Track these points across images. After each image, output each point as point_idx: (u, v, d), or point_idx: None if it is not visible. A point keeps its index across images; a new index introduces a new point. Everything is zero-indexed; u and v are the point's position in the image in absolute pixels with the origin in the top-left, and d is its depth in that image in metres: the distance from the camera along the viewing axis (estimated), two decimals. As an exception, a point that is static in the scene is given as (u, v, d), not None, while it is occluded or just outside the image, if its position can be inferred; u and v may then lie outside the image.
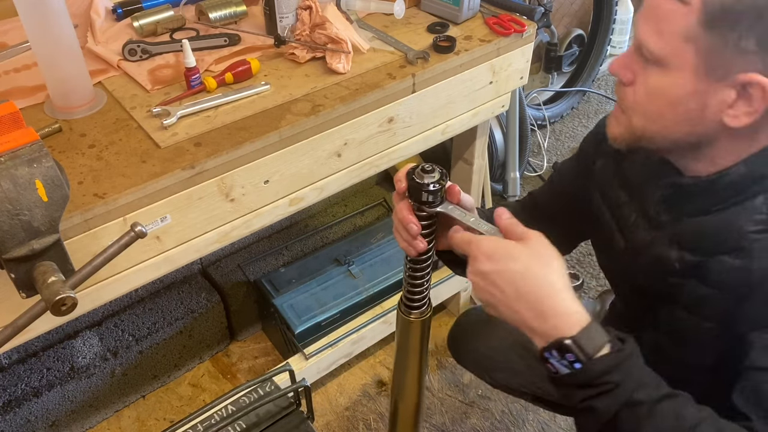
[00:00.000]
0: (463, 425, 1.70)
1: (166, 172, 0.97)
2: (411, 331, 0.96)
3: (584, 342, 0.67)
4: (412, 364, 1.01)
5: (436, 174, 0.80)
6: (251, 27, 1.31)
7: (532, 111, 2.61)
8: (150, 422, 1.69)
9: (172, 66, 1.18)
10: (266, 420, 1.21)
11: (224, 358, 1.84)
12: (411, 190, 0.81)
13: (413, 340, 0.97)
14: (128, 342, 1.63)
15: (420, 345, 0.98)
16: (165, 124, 1.03)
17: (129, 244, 0.83)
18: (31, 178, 0.77)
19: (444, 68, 1.25)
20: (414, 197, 0.81)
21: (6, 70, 1.17)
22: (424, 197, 0.80)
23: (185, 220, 1.03)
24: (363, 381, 1.79)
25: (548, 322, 0.68)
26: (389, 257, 1.82)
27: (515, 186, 2.16)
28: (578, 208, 1.04)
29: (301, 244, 1.91)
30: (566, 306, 0.68)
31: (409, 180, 0.81)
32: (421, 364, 1.01)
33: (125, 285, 1.02)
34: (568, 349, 0.67)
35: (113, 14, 1.30)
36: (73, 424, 1.62)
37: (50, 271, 0.81)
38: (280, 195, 1.14)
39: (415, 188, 0.80)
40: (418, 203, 0.81)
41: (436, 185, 0.79)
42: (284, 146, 1.08)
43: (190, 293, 1.74)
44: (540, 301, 0.69)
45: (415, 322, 0.95)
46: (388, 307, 1.73)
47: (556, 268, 0.70)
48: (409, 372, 1.02)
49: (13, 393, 1.50)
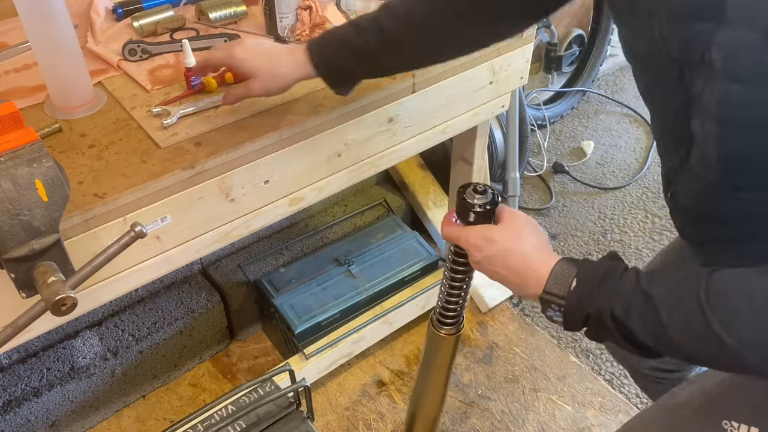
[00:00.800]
0: (463, 425, 1.71)
1: (166, 172, 0.97)
2: (441, 348, 0.95)
3: (552, 287, 0.72)
4: (436, 379, 1.00)
5: (489, 195, 0.80)
6: (251, 27, 1.31)
7: (532, 111, 2.61)
8: (150, 422, 1.69)
9: (172, 66, 1.18)
10: (266, 420, 1.21)
11: (224, 358, 1.84)
12: (459, 207, 0.81)
13: (442, 356, 0.96)
14: (128, 342, 1.63)
15: (448, 361, 0.97)
16: (165, 124, 1.03)
17: (129, 244, 0.83)
18: (31, 178, 0.77)
19: (444, 68, 1.25)
20: (461, 216, 0.81)
21: (6, 70, 1.17)
22: (471, 218, 0.80)
23: (185, 220, 1.03)
24: (363, 381, 1.79)
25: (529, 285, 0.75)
26: (389, 257, 1.82)
27: (515, 186, 2.16)
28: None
29: (301, 244, 1.91)
30: (537, 265, 0.74)
31: (459, 198, 0.80)
32: (446, 380, 1.00)
33: (125, 285, 1.02)
34: (547, 301, 0.73)
35: (113, 14, 1.30)
36: (73, 424, 1.62)
37: (50, 271, 0.81)
38: (280, 195, 1.14)
39: (463, 207, 0.80)
40: (465, 222, 0.81)
41: (485, 207, 0.79)
42: (284, 146, 1.08)
43: (190, 293, 1.74)
44: (521, 272, 0.75)
45: (446, 338, 0.94)
46: (388, 307, 1.73)
47: (528, 237, 0.76)
48: (432, 387, 1.01)
49: (13, 393, 1.50)
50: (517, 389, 1.79)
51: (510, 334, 1.94)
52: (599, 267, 0.71)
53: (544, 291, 0.73)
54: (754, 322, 0.60)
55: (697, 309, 0.62)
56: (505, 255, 0.75)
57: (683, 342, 0.64)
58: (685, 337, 0.64)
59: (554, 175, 2.53)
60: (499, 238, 0.76)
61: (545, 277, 0.73)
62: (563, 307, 0.72)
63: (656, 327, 0.65)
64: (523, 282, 0.75)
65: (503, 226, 0.78)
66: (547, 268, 0.73)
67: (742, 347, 0.60)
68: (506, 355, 1.88)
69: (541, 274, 0.73)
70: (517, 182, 2.16)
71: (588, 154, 2.61)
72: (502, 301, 2.01)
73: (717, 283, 0.63)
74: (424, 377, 1.01)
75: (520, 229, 0.77)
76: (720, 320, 0.61)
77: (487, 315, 1.99)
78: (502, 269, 0.76)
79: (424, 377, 1.01)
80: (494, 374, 1.83)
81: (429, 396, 1.02)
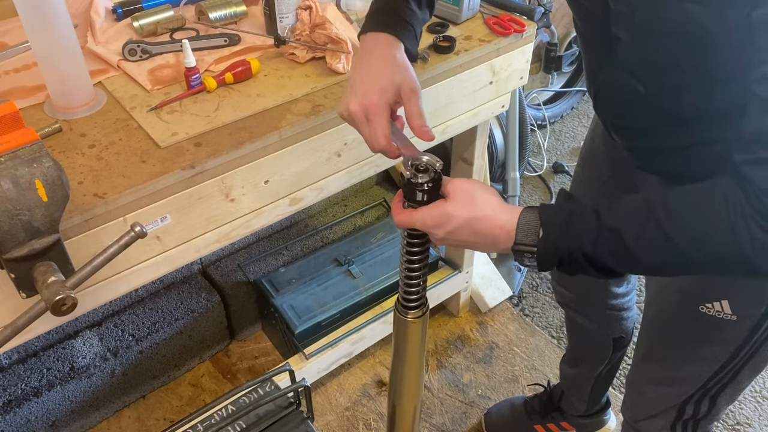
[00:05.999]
0: (463, 425, 1.71)
1: (166, 172, 0.97)
2: (408, 332, 0.96)
3: (523, 238, 0.77)
4: (410, 365, 1.00)
5: (432, 171, 0.80)
6: (251, 27, 1.31)
7: (532, 111, 2.61)
8: (150, 422, 1.69)
9: (172, 66, 1.18)
10: (266, 420, 1.21)
11: (224, 358, 1.84)
12: (406, 190, 0.81)
13: (411, 341, 0.97)
14: (128, 342, 1.63)
15: (418, 346, 0.98)
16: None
17: (129, 244, 0.83)
18: (31, 178, 0.77)
19: (444, 68, 1.25)
20: (410, 198, 0.81)
21: (6, 70, 1.17)
22: (421, 197, 0.80)
23: (185, 220, 1.03)
24: (363, 381, 1.79)
25: (501, 242, 0.78)
26: (389, 257, 1.82)
27: (515, 186, 2.16)
28: None
29: (301, 244, 1.91)
30: (502, 222, 0.78)
31: (404, 181, 0.80)
32: (419, 365, 1.01)
33: (125, 285, 1.02)
34: (521, 251, 0.77)
35: (113, 14, 1.30)
36: (73, 424, 1.62)
37: (50, 271, 0.81)
38: (280, 195, 1.14)
39: (411, 189, 0.80)
40: (415, 203, 0.81)
41: (432, 182, 0.79)
42: (284, 146, 1.08)
43: (190, 293, 1.74)
44: (490, 233, 0.78)
45: (413, 322, 0.94)
46: (388, 307, 1.73)
47: (482, 199, 0.79)
48: (407, 374, 1.02)
49: (13, 393, 1.50)
50: (517, 389, 1.79)
51: (510, 334, 1.94)
52: (560, 212, 0.76)
53: (515, 243, 0.77)
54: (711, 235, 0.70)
55: (661, 235, 0.71)
56: (471, 223, 0.78)
57: (650, 260, 0.73)
58: (652, 258, 0.73)
59: (554, 175, 2.53)
60: (456, 210, 0.78)
61: (513, 231, 0.77)
62: (536, 254, 0.77)
63: (624, 254, 0.73)
64: (494, 241, 0.79)
65: (454, 197, 0.79)
66: (512, 223, 0.77)
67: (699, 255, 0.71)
68: (506, 355, 1.88)
69: (509, 229, 0.77)
70: (517, 182, 2.16)
71: (588, 154, 2.61)
72: (502, 301, 2.01)
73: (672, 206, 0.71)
74: (398, 366, 1.01)
75: (471, 194, 0.79)
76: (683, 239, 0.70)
77: (487, 315, 1.99)
78: (471, 237, 0.79)
79: (399, 366, 1.01)
80: (494, 374, 1.83)
81: (406, 384, 1.03)
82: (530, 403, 1.67)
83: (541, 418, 1.64)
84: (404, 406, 1.06)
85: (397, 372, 1.03)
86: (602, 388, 1.55)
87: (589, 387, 1.52)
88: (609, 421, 1.64)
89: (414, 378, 1.02)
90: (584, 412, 1.59)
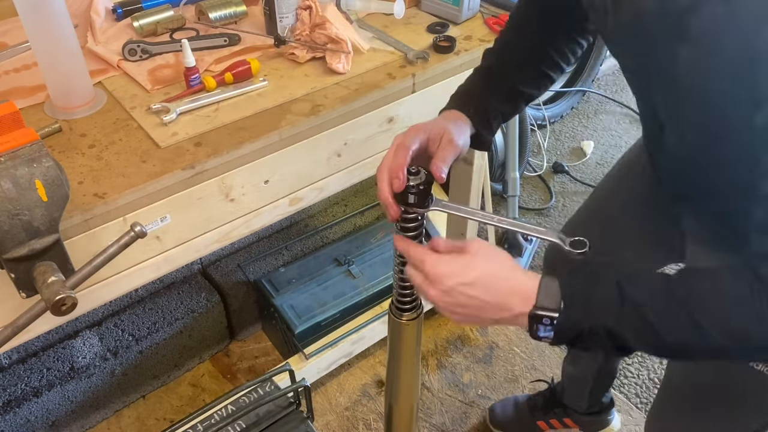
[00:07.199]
0: (463, 425, 1.71)
1: (166, 172, 0.97)
2: (403, 334, 0.96)
3: (544, 301, 0.71)
4: (405, 366, 1.01)
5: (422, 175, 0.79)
6: (251, 27, 1.31)
7: (532, 111, 2.61)
8: (150, 422, 1.69)
9: (172, 66, 1.18)
10: (266, 420, 1.22)
11: (224, 358, 1.84)
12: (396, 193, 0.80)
13: (406, 343, 0.97)
14: (128, 342, 1.63)
15: (413, 347, 0.98)
16: (165, 120, 1.03)
17: (129, 244, 0.83)
18: (31, 178, 0.77)
19: (444, 68, 1.25)
20: (400, 200, 0.80)
21: (6, 70, 1.17)
22: (411, 199, 0.80)
23: (185, 220, 1.03)
24: (363, 381, 1.79)
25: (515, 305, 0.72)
26: (389, 257, 1.82)
27: (515, 186, 2.15)
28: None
29: (301, 244, 1.91)
30: (522, 283, 0.73)
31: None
32: (415, 366, 1.01)
33: (125, 285, 1.02)
34: (539, 317, 0.71)
35: (113, 14, 1.30)
36: (73, 424, 1.62)
37: (50, 271, 0.81)
38: (280, 195, 1.14)
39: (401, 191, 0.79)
40: (405, 205, 0.80)
41: (422, 186, 0.79)
42: (284, 146, 1.08)
43: (190, 293, 1.74)
44: (507, 292, 0.73)
45: (407, 324, 0.94)
46: (388, 307, 1.73)
47: (502, 258, 0.75)
48: (403, 375, 1.02)
49: (13, 393, 1.50)
50: (518, 389, 1.79)
51: (510, 334, 1.94)
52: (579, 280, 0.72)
53: (535, 307, 0.71)
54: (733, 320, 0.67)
55: (685, 316, 0.67)
56: (488, 279, 0.73)
57: (674, 342, 0.69)
58: (676, 338, 0.68)
59: (554, 175, 2.53)
60: (477, 263, 0.74)
61: (533, 293, 0.72)
62: (556, 320, 0.71)
63: (648, 333, 0.69)
64: (507, 304, 0.73)
65: (476, 252, 0.75)
66: (532, 287, 0.72)
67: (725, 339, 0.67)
68: (506, 355, 1.88)
69: (528, 292, 0.72)
70: (517, 182, 2.16)
71: (588, 154, 2.61)
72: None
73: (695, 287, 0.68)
74: (394, 367, 1.02)
75: (494, 253, 0.75)
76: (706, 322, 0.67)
77: (487, 315, 1.98)
78: (482, 294, 0.73)
79: (394, 367, 1.02)
80: (494, 374, 1.83)
81: (402, 385, 1.03)
82: (534, 399, 1.67)
83: (544, 414, 1.64)
84: (401, 406, 1.07)
85: (393, 373, 1.03)
86: (602, 387, 1.55)
87: (588, 385, 1.51)
88: (613, 422, 1.64)
89: (410, 378, 1.02)
90: (586, 410, 1.59)
